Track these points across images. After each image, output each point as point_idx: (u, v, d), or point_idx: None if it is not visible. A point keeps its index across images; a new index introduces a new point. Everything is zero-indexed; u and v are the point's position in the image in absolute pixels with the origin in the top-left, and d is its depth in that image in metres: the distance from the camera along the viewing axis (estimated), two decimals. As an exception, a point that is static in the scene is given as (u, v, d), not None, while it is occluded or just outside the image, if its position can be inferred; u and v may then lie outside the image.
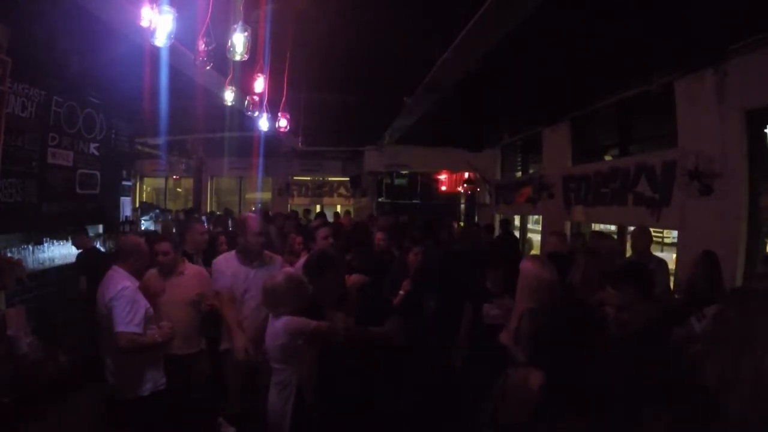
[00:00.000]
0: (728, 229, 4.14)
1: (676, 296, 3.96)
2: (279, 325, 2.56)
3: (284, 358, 2.59)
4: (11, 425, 2.78)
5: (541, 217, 8.47)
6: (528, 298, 2.65)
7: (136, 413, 2.87)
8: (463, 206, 12.56)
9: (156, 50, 3.39)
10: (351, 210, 11.75)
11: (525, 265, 2.73)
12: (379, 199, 12.74)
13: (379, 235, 4.71)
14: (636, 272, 2.17)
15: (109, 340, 2.84)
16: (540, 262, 2.74)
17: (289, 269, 3.10)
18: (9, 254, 3.86)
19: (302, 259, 3.62)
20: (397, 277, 3.82)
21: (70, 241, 4.65)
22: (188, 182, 13.68)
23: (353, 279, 3.00)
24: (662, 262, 4.42)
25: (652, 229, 4.79)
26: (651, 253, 4.50)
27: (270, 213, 8.87)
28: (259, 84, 3.95)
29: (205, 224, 6.92)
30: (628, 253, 5.33)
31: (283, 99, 5.06)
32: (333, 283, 2.79)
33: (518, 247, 8.45)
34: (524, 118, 8.11)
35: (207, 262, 3.96)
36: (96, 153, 5.12)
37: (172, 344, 3.06)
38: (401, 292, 3.61)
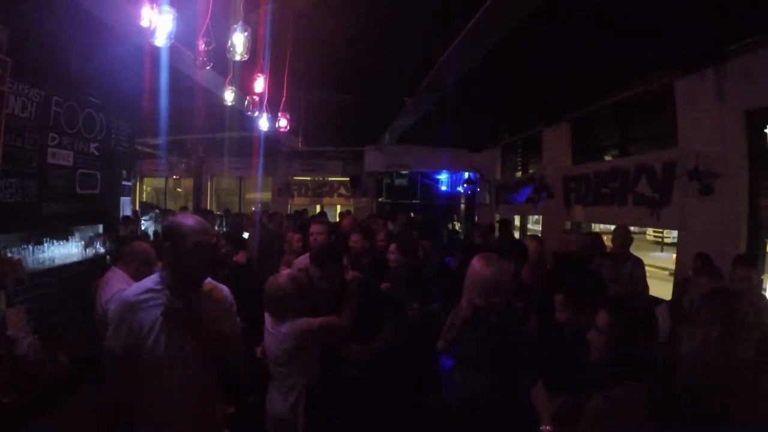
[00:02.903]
0: (728, 229, 4.14)
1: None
2: (284, 330, 2.54)
3: (290, 361, 2.56)
4: (11, 425, 2.77)
5: (541, 217, 8.48)
6: (464, 293, 2.69)
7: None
8: (463, 206, 12.56)
9: (156, 50, 3.39)
10: (351, 210, 11.75)
11: (472, 261, 2.76)
12: (379, 199, 12.74)
13: (354, 237, 4.33)
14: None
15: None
16: (485, 259, 2.71)
17: (287, 270, 3.08)
18: (9, 254, 3.85)
19: (301, 257, 3.62)
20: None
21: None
22: (188, 182, 13.69)
23: (351, 274, 3.03)
24: (639, 262, 4.54)
25: (651, 229, 4.82)
26: (629, 253, 4.60)
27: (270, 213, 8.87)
28: (259, 84, 3.96)
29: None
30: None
31: (283, 99, 5.06)
32: (336, 272, 2.88)
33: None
34: (524, 118, 8.11)
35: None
36: (96, 153, 5.11)
37: None
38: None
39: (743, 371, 1.77)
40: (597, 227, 7.45)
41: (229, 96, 4.15)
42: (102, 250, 5.23)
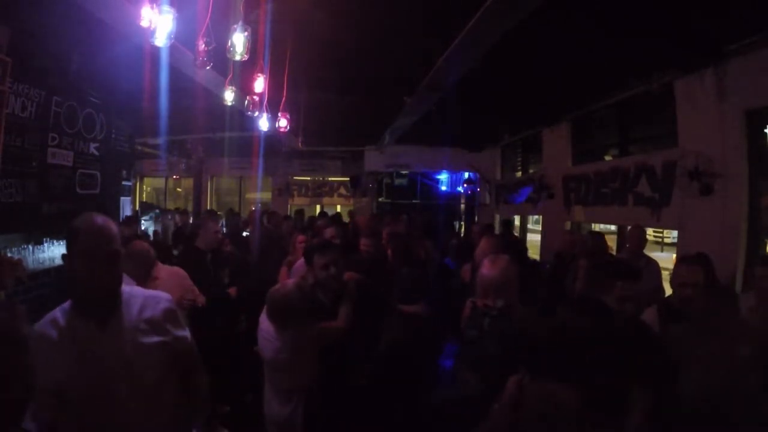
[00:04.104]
0: (728, 229, 4.14)
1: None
2: (284, 338, 2.52)
3: (289, 366, 2.55)
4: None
5: (541, 217, 8.48)
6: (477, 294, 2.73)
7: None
8: (463, 206, 12.56)
9: (156, 50, 3.39)
10: (351, 209, 11.75)
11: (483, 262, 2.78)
12: (379, 199, 12.74)
13: (364, 241, 4.22)
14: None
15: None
16: (491, 261, 2.71)
17: (291, 279, 3.07)
18: (9, 254, 3.85)
19: (301, 261, 3.62)
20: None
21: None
22: (188, 182, 13.68)
23: (349, 275, 3.03)
24: (652, 262, 4.44)
25: (651, 229, 4.81)
26: (642, 253, 4.51)
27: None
28: (259, 84, 3.96)
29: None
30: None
31: (283, 99, 5.06)
32: (339, 256, 2.90)
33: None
34: (524, 118, 8.11)
35: (213, 262, 3.99)
36: (96, 153, 5.12)
37: None
38: None
39: (744, 372, 1.76)
40: (597, 227, 7.46)
41: (229, 96, 4.15)
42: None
